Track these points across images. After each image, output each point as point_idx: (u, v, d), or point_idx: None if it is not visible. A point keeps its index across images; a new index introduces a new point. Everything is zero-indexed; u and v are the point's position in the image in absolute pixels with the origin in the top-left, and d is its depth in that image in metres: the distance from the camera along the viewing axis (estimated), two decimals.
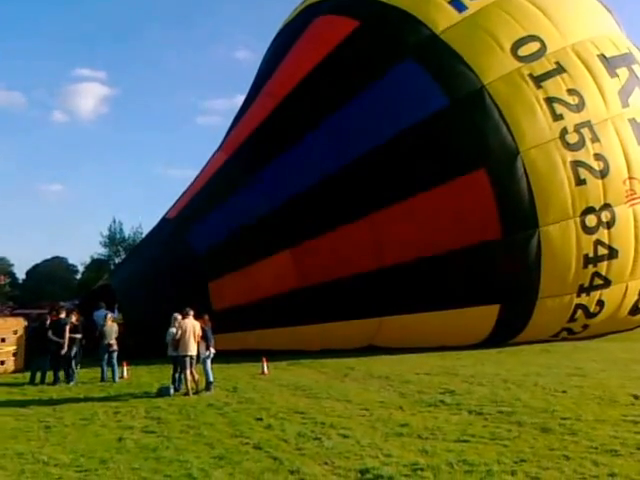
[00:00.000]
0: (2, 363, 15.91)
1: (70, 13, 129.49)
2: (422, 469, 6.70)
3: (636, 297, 18.55)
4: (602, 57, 18.01)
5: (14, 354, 15.96)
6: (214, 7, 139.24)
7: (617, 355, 15.36)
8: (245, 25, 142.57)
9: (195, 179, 20.72)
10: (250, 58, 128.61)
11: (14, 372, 15.72)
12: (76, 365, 14.71)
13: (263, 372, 14.25)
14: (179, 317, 12.68)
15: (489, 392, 10.90)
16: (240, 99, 22.72)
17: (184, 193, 20.47)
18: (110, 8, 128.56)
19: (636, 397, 9.88)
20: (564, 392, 10.63)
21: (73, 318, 15.08)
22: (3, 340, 15.92)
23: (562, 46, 17.70)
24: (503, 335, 17.68)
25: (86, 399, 11.93)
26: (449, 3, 18.16)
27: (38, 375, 14.38)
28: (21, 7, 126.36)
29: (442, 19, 17.93)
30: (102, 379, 14.06)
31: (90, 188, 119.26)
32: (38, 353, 14.63)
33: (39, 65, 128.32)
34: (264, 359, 14.48)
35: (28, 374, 14.68)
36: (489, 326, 17.34)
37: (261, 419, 9.46)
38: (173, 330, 12.49)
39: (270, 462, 7.20)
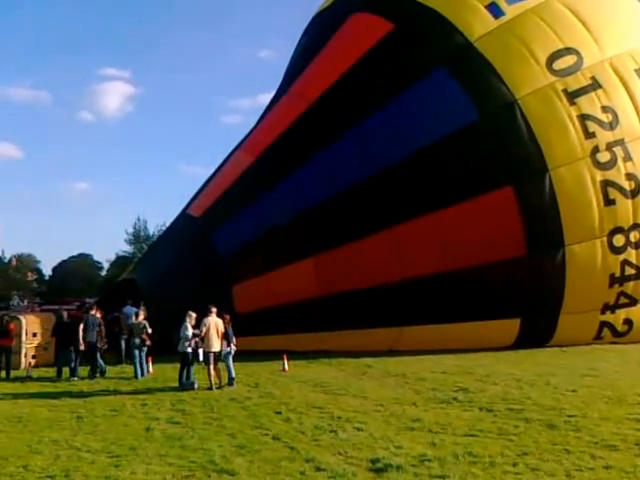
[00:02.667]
0: (33, 357, 16.63)
1: (95, 13, 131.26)
2: (429, 460, 7.11)
3: None
4: None
5: (44, 348, 16.66)
6: (238, 8, 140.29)
7: (634, 356, 15.57)
8: (269, 25, 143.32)
9: (217, 176, 20.64)
10: (273, 57, 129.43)
11: (44, 366, 16.37)
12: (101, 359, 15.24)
13: (284, 369, 14.72)
14: (193, 314, 13.28)
15: (501, 390, 11.28)
16: (263, 98, 23.17)
17: (206, 189, 20.42)
18: (135, 8, 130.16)
19: None
20: (574, 391, 10.97)
21: (98, 314, 15.67)
22: (34, 335, 16.64)
23: (599, 60, 17.34)
24: (528, 345, 17.38)
25: (115, 392, 12.57)
26: (486, 7, 17.76)
27: (65, 370, 15.04)
28: (47, 7, 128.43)
29: (478, 25, 17.61)
30: (136, 376, 14.28)
31: (115, 186, 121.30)
32: (62, 348, 15.33)
33: (65, 64, 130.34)
34: (284, 356, 14.96)
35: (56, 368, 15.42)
36: (511, 338, 17.33)
37: (280, 412, 9.92)
38: (187, 326, 13.08)
39: (287, 451, 7.65)
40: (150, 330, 14.83)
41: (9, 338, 15.74)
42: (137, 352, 14.56)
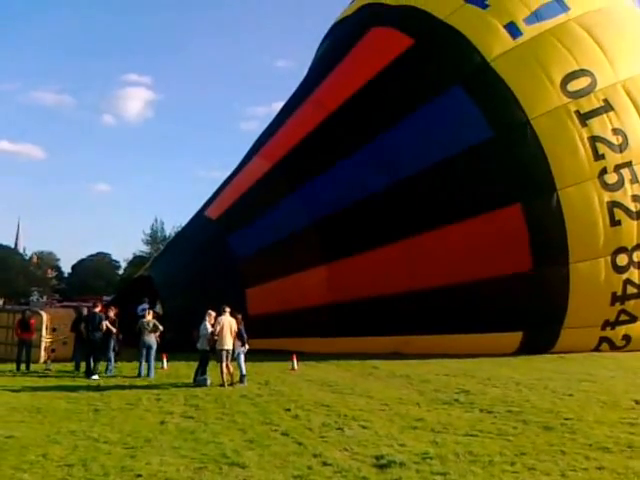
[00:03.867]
0: (53, 351, 17.11)
1: (118, 20, 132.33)
2: (431, 458, 7.45)
3: None
4: None
5: (64, 343, 17.13)
6: (258, 18, 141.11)
7: (630, 363, 15.84)
8: (286, 35, 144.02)
9: (233, 179, 20.90)
10: (289, 67, 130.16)
11: (63, 360, 16.81)
12: (115, 358, 15.54)
13: (293, 368, 15.11)
14: (213, 313, 13.64)
15: (501, 393, 11.62)
16: (278, 106, 23.42)
17: (223, 192, 20.71)
18: (157, 17, 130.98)
19: (637, 402, 10.48)
20: (571, 395, 11.29)
21: (111, 312, 15.93)
22: (54, 330, 17.13)
23: (613, 82, 17.59)
24: (529, 354, 17.56)
25: (130, 386, 13.01)
26: (504, 27, 18.00)
27: (82, 364, 15.47)
28: (72, 13, 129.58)
29: (496, 45, 17.86)
30: (139, 374, 14.51)
31: (134, 188, 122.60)
32: (81, 343, 15.77)
33: (88, 70, 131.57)
34: (294, 356, 15.34)
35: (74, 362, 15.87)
36: (512, 348, 17.56)
37: (289, 410, 10.29)
38: (207, 325, 13.46)
39: (296, 447, 8.00)
40: (161, 328, 15.03)
41: (30, 332, 16.23)
42: (144, 351, 14.64)
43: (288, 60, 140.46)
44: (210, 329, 13.43)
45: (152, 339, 14.78)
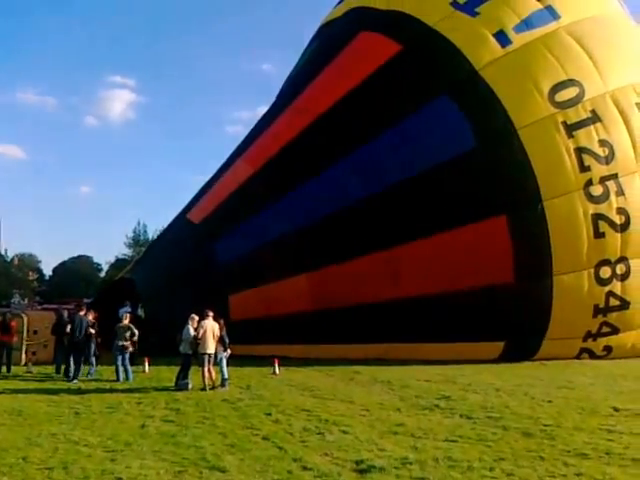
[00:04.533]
0: (34, 354, 17.01)
1: (102, 22, 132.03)
2: (411, 463, 7.49)
3: None
4: None
5: (44, 345, 17.02)
6: (243, 21, 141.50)
7: (609, 370, 15.93)
8: (271, 39, 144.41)
9: (217, 183, 20.70)
10: (274, 71, 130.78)
11: (44, 363, 16.70)
12: (95, 361, 15.45)
13: (275, 373, 15.12)
14: (196, 317, 13.65)
15: (482, 399, 11.68)
16: (262, 110, 23.39)
17: (206, 196, 20.55)
18: (140, 20, 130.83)
19: (616, 409, 10.60)
20: (550, 402, 11.38)
21: (90, 316, 15.85)
22: (35, 332, 17.03)
23: (601, 92, 17.44)
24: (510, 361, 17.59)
25: (111, 390, 12.96)
26: (494, 35, 17.86)
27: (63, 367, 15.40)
28: (56, 14, 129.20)
29: (484, 53, 17.73)
30: (117, 379, 14.36)
31: (117, 191, 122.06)
32: (61, 346, 15.67)
33: (71, 71, 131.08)
34: (276, 361, 15.35)
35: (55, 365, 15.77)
36: (494, 356, 17.48)
37: (270, 414, 10.31)
38: (190, 329, 13.44)
39: (276, 451, 8.02)
40: (137, 333, 14.99)
41: (10, 334, 16.12)
42: (119, 355, 14.52)
43: (273, 64, 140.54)
44: (193, 333, 13.41)
45: (126, 343, 14.70)
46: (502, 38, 17.80)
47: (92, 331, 15.44)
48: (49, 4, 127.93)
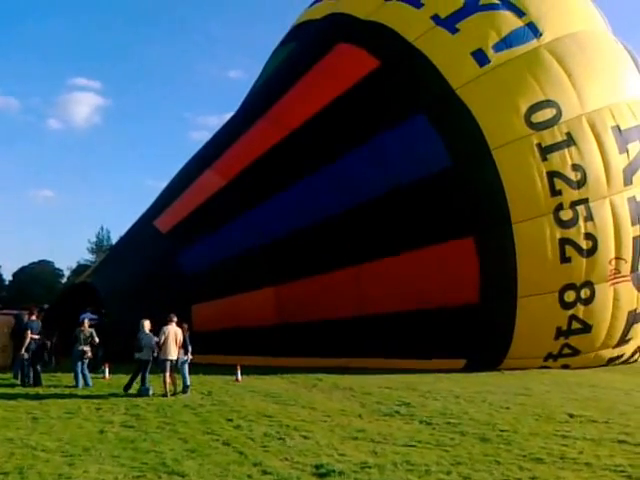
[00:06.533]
0: None
1: (68, 23, 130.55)
2: (370, 467, 7.62)
3: (605, 362, 18.98)
4: (616, 129, 17.69)
5: (2, 350, 16.70)
6: (210, 27, 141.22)
7: (565, 379, 16.26)
8: (238, 46, 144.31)
9: (185, 191, 20.06)
10: (242, 78, 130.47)
11: (2, 368, 16.37)
12: (41, 367, 14.87)
13: (237, 379, 15.08)
14: (147, 323, 13.62)
15: (441, 406, 11.86)
16: (229, 116, 22.96)
17: (175, 204, 19.94)
18: (108, 22, 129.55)
19: (571, 415, 10.88)
20: (507, 408, 11.61)
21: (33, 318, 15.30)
22: None
23: (578, 114, 17.33)
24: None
25: (70, 396, 12.73)
26: (472, 53, 17.70)
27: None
28: (18, 15, 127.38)
29: (462, 72, 17.57)
30: (76, 384, 14.05)
31: (80, 195, 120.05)
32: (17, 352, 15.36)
33: (35, 72, 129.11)
34: (238, 367, 15.32)
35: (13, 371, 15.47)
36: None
37: (231, 420, 10.31)
38: (148, 335, 13.39)
39: (236, 456, 8.06)
40: (97, 340, 14.81)
41: None
42: (78, 361, 14.23)
43: (241, 71, 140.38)
44: (155, 339, 13.33)
45: (86, 348, 14.48)
46: (481, 57, 17.63)
47: (35, 337, 15.05)
48: (8, 4, 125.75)
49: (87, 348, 14.54)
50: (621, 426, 10.19)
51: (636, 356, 20.22)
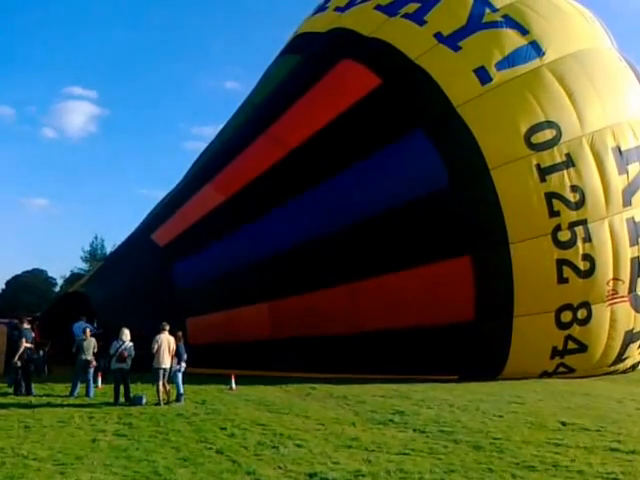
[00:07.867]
0: None
1: (64, 33, 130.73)
2: (363, 475, 7.63)
3: (600, 374, 18.87)
4: (617, 150, 17.58)
5: None
6: (206, 39, 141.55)
7: (558, 387, 16.29)
8: (234, 57, 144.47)
9: (184, 206, 19.97)
10: (239, 88, 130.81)
11: None
12: (36, 376, 14.87)
13: (231, 388, 15.06)
14: (127, 331, 13.65)
15: (435, 414, 11.85)
16: None
17: (173, 218, 19.90)
18: (105, 31, 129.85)
19: (563, 424, 10.90)
20: (500, 416, 11.63)
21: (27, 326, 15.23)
22: None
23: (578, 135, 17.21)
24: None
25: (63, 405, 12.69)
26: (474, 71, 17.53)
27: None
28: (14, 24, 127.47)
29: (464, 90, 17.43)
30: (71, 393, 13.91)
31: (75, 204, 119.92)
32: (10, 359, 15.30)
33: (31, 81, 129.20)
34: (233, 375, 15.29)
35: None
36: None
37: (225, 428, 10.27)
38: (126, 344, 13.47)
39: (230, 465, 8.04)
40: (94, 350, 14.67)
41: None
42: (82, 371, 14.21)
43: (238, 82, 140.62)
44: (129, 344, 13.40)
45: (90, 358, 14.42)
46: (483, 75, 17.49)
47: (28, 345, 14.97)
48: (5, 12, 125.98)
49: (91, 358, 14.49)
50: (613, 434, 10.22)
51: (630, 370, 20.29)
